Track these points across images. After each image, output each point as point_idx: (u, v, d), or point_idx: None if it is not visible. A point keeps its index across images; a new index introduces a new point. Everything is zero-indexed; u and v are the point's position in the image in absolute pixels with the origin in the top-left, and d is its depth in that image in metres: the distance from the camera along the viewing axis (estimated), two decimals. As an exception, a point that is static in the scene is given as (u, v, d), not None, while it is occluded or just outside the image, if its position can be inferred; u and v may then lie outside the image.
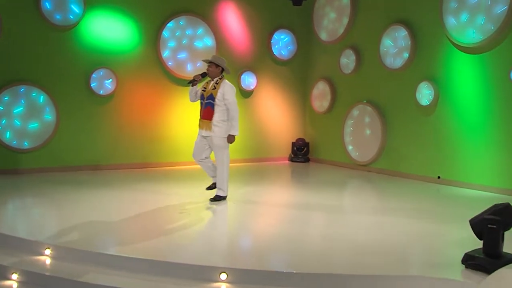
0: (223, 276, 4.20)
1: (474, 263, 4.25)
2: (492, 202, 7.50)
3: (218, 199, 6.94)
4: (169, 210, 6.54)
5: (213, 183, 7.07)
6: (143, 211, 6.34)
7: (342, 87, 10.91)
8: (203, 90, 6.86)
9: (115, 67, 9.68)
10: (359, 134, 10.36)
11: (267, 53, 11.39)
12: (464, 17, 8.18)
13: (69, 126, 9.35)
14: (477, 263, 4.23)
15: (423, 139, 9.07)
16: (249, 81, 11.15)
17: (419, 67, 9.08)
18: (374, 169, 10.03)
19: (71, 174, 9.07)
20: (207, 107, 6.74)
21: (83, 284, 4.22)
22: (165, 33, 10.15)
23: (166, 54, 10.20)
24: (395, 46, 9.47)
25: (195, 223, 5.94)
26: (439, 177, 8.78)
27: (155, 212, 6.35)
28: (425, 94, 8.90)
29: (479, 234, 4.31)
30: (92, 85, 9.48)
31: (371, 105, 10.01)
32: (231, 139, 6.78)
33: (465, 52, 8.32)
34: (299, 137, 11.87)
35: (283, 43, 11.54)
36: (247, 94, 11.19)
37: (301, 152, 11.69)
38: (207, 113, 6.75)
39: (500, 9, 7.67)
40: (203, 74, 6.90)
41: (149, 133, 10.14)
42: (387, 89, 9.74)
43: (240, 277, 4.21)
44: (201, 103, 6.85)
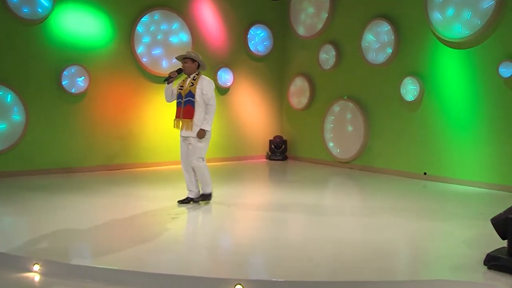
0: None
1: (498, 264, 4.10)
2: (481, 197, 7.62)
3: (205, 197, 6.59)
4: (148, 215, 6.09)
5: (187, 198, 6.66)
6: (122, 218, 5.89)
7: (321, 83, 10.73)
8: (179, 88, 6.49)
9: (87, 63, 9.16)
10: (341, 130, 10.20)
11: (244, 48, 11.10)
12: (450, 11, 8.12)
13: (39, 126, 8.78)
14: (501, 264, 4.08)
15: (408, 135, 9.00)
16: (225, 77, 10.82)
17: (403, 62, 9.00)
18: (357, 166, 9.90)
19: (43, 178, 8.50)
20: (187, 106, 6.36)
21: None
22: (139, 28, 9.70)
23: (140, 50, 9.74)
24: (377, 41, 9.36)
25: (179, 229, 5.62)
26: (425, 173, 8.72)
27: (134, 218, 5.90)
28: (410, 89, 8.82)
29: (502, 234, 4.17)
30: (63, 83, 8.93)
31: (352, 101, 9.87)
32: (201, 133, 6.33)
33: (451, 47, 8.28)
34: (277, 134, 11.64)
35: (259, 39, 11.27)
36: (223, 91, 10.86)
37: (279, 150, 11.46)
38: (187, 111, 6.37)
39: (487, 3, 7.65)
40: (179, 70, 6.52)
41: (124, 133, 9.66)
42: (369, 85, 9.62)
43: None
44: (179, 102, 6.46)
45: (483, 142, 7.96)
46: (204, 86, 6.37)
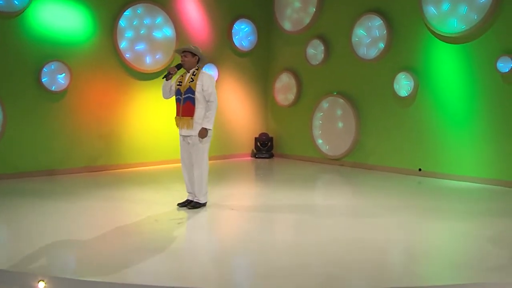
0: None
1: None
2: (479, 193, 7.56)
3: (198, 206, 6.23)
4: (150, 221, 5.72)
5: (187, 200, 6.34)
6: (119, 225, 5.51)
7: (309, 79, 10.52)
8: (178, 84, 6.17)
9: (68, 59, 8.67)
10: (330, 127, 10.02)
11: (228, 44, 10.77)
12: (445, 6, 8.03)
13: (18, 127, 8.25)
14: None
15: (402, 130, 8.89)
16: (210, 73, 10.46)
17: (396, 57, 8.87)
18: (348, 162, 9.75)
19: (24, 182, 7.98)
20: (187, 103, 6.06)
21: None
22: (122, 22, 9.24)
23: (123, 45, 9.29)
24: (368, 36, 9.20)
25: (188, 236, 5.33)
26: (420, 169, 8.64)
27: (136, 226, 5.53)
28: (403, 85, 8.70)
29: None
30: (43, 80, 8.42)
31: (343, 97, 9.70)
32: (203, 133, 6.04)
33: (446, 42, 8.20)
34: (262, 131, 11.38)
35: (243, 34, 10.97)
36: (208, 88, 10.51)
37: (264, 147, 11.21)
38: (187, 109, 6.07)
39: (484, -2, 7.59)
40: (178, 65, 6.20)
41: (108, 132, 9.20)
42: (360, 81, 9.47)
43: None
44: (178, 99, 6.15)
45: (479, 137, 7.91)
46: (205, 81, 6.06)
